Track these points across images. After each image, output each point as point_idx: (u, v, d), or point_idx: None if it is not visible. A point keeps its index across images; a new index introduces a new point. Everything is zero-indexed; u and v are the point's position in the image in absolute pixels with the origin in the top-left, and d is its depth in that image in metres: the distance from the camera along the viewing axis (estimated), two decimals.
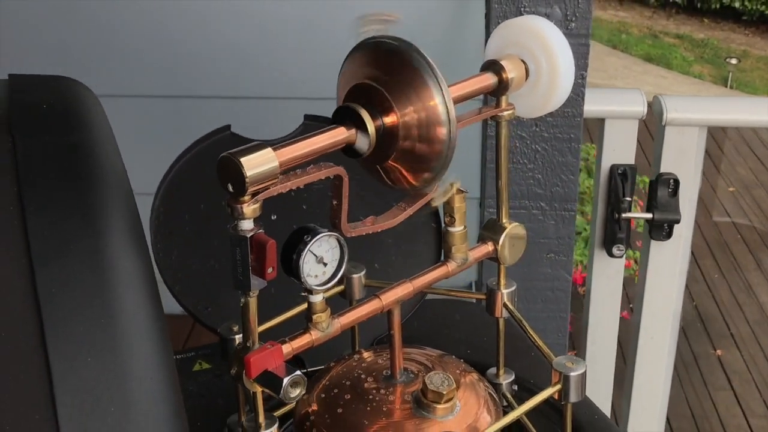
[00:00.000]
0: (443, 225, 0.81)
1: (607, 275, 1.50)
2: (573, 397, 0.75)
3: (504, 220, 0.83)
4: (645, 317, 1.53)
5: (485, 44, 0.82)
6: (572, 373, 0.75)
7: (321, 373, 0.82)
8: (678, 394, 2.78)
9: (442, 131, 0.68)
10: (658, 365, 1.56)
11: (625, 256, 1.47)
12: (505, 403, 0.89)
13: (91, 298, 0.51)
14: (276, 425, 0.71)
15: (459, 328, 1.05)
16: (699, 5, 8.28)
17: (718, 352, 3.02)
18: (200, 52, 1.81)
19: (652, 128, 1.49)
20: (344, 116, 0.68)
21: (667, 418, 1.69)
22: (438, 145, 0.68)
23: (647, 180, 1.52)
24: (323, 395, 0.79)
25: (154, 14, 1.75)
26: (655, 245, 1.48)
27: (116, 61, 1.79)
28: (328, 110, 0.84)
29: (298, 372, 0.66)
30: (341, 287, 0.89)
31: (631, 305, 2.60)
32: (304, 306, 0.73)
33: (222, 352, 0.82)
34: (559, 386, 0.75)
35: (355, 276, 0.89)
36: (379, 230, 0.74)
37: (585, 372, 0.75)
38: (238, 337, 0.81)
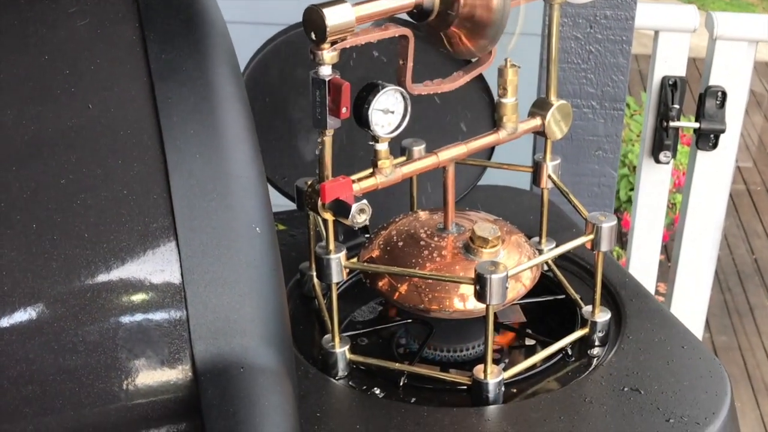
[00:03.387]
0: (496, 97, 0.90)
1: (653, 182, 1.58)
2: (603, 246, 0.85)
3: (552, 98, 0.92)
4: (688, 226, 1.61)
5: None
6: (604, 225, 0.84)
7: (382, 227, 0.93)
8: (731, 341, 2.84)
9: (497, 0, 0.77)
10: (699, 273, 1.64)
11: (672, 164, 1.55)
12: (546, 268, 0.99)
13: (200, 107, 0.62)
14: (344, 252, 0.82)
15: (510, 207, 1.15)
16: None
17: None
18: None
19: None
20: None
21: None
22: (492, 13, 0.78)
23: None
24: (383, 243, 0.90)
25: None
26: (701, 155, 1.55)
27: None
28: None
29: (364, 200, 0.76)
30: (403, 158, 1.00)
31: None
32: (369, 170, 0.83)
33: (297, 202, 0.93)
34: (591, 236, 0.85)
35: (415, 149, 0.99)
36: (439, 92, 0.84)
37: (615, 225, 0.85)
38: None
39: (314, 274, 0.94)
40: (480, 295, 0.76)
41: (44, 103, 0.61)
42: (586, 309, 0.90)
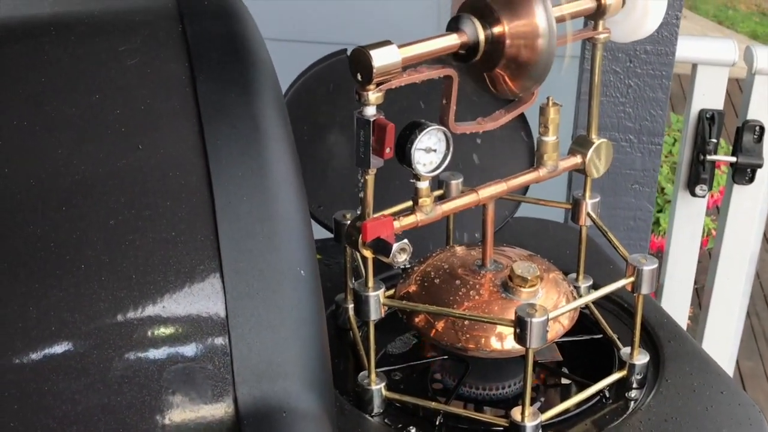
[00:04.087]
0: (538, 134, 0.90)
1: (689, 214, 1.57)
2: (644, 289, 0.84)
3: (593, 136, 0.92)
4: (723, 259, 1.60)
5: None
6: (645, 268, 0.84)
7: (419, 262, 0.93)
8: (757, 367, 2.81)
9: (542, 42, 0.77)
10: (732, 306, 1.63)
11: (707, 197, 1.54)
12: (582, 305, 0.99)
13: (248, 149, 0.63)
14: (383, 289, 0.82)
15: (545, 243, 1.14)
16: None
17: None
18: None
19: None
20: (458, 24, 0.78)
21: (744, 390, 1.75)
22: (538, 55, 0.78)
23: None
24: (420, 278, 0.90)
25: None
26: (737, 189, 1.54)
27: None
28: None
29: (405, 240, 0.76)
30: (440, 191, 1.00)
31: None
32: (409, 203, 0.83)
33: (335, 235, 0.93)
34: (632, 278, 0.84)
35: (453, 182, 0.99)
36: (481, 131, 0.84)
37: (656, 268, 0.84)
38: (349, 222, 0.92)
39: (350, 306, 0.94)
40: (520, 338, 0.76)
41: (94, 143, 0.62)
42: (625, 351, 0.89)
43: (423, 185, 0.81)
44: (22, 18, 0.73)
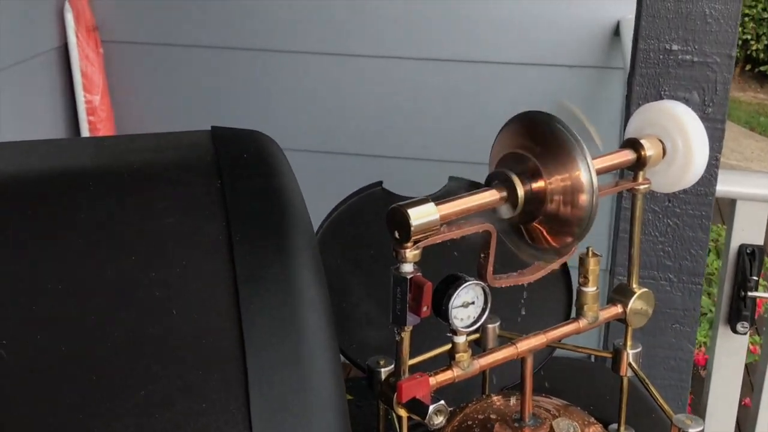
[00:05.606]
0: (577, 284, 0.88)
1: (729, 352, 1.53)
2: None
3: (634, 285, 0.90)
4: (765, 402, 1.55)
5: (623, 120, 0.90)
6: (690, 430, 0.80)
7: (455, 412, 0.90)
8: None
9: (585, 198, 0.76)
10: None
11: (749, 337, 1.50)
12: None
13: (283, 317, 0.61)
14: None
15: (584, 385, 1.11)
16: None
17: None
18: (357, 114, 1.95)
19: None
20: (497, 180, 0.78)
21: None
22: (580, 211, 0.76)
23: None
24: (457, 431, 0.87)
25: (317, 80, 1.91)
26: None
27: (288, 119, 1.96)
28: (467, 173, 0.93)
29: (442, 401, 0.74)
30: (477, 335, 0.97)
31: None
32: (447, 347, 0.81)
33: (368, 383, 0.91)
34: None
35: (490, 326, 0.97)
36: (521, 283, 0.82)
37: (703, 430, 0.81)
38: (383, 370, 0.90)
39: None
40: None
41: (127, 307, 0.61)
42: None
43: (460, 340, 0.79)
44: (62, 169, 0.73)
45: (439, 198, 0.74)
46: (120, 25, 2.16)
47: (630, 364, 0.93)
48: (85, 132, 2.26)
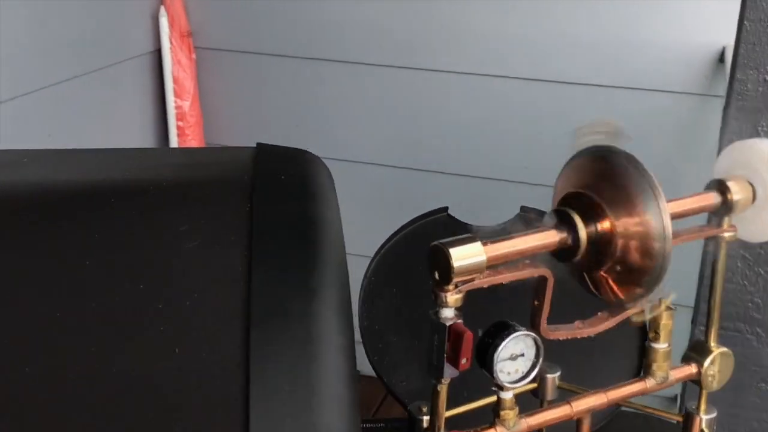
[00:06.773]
0: (647, 340, 0.79)
1: None
2: None
3: (712, 343, 0.81)
4: None
5: (718, 152, 0.81)
6: None
7: None
8: None
9: (656, 246, 0.67)
10: None
11: None
12: None
13: (296, 362, 0.55)
14: None
15: None
16: None
17: None
18: (427, 129, 1.90)
19: None
20: (558, 219, 0.70)
21: None
22: (651, 260, 0.68)
23: None
24: None
25: (386, 92, 1.87)
26: None
27: (359, 131, 1.92)
28: (543, 198, 0.85)
29: None
30: (534, 385, 0.89)
31: None
32: (493, 398, 0.74)
33: (409, 429, 0.84)
34: None
35: (549, 376, 0.88)
36: (579, 336, 0.74)
37: None
38: (426, 418, 0.82)
39: None
40: None
41: (127, 345, 0.55)
42: None
43: (506, 395, 0.71)
44: (87, 182, 0.69)
45: (500, 233, 0.67)
46: (214, 31, 2.15)
47: (702, 431, 0.84)
48: (173, 137, 2.26)
